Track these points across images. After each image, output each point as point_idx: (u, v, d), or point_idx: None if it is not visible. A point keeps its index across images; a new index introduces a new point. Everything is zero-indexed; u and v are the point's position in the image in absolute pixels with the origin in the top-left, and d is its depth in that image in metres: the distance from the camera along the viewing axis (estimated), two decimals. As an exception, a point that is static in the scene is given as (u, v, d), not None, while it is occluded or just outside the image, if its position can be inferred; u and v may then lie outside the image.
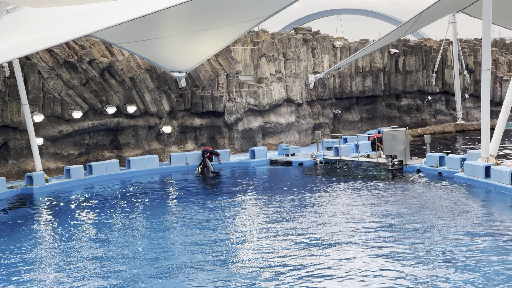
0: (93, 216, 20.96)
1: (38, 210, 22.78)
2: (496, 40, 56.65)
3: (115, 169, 28.85)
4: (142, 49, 29.24)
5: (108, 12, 24.59)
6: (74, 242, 17.44)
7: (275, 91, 36.27)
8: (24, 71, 27.18)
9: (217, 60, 34.32)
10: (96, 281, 13.84)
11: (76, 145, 29.52)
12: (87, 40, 30.37)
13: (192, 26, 27.61)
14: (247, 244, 16.69)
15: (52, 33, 22.77)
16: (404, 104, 45.85)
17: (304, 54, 38.59)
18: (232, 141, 34.31)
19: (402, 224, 17.88)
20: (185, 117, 33.20)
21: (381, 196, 22.21)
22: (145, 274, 14.23)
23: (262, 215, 20.09)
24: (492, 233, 16.65)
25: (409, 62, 45.77)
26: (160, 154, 31.79)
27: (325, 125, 39.89)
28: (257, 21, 28.48)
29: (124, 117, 30.84)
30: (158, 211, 21.36)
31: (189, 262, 14.92)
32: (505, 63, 51.25)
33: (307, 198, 22.37)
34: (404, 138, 27.94)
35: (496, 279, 12.89)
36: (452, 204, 20.53)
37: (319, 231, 17.44)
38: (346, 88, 41.61)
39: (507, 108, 24.04)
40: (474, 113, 49.13)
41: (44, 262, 15.54)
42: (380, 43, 37.82)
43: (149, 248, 16.50)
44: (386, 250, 15.29)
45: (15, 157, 27.46)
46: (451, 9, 39.30)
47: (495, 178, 22.86)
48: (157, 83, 32.03)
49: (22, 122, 26.99)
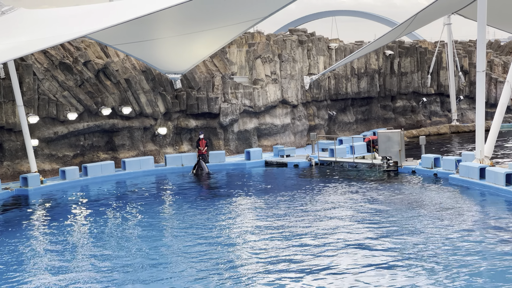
0: (88, 217, 20.93)
1: (33, 211, 22.74)
2: (490, 42, 56.80)
3: (110, 171, 28.83)
4: (138, 51, 29.22)
5: (103, 14, 24.58)
6: (68, 243, 17.41)
7: (271, 92, 36.28)
8: (19, 72, 27.13)
9: (212, 61, 34.32)
10: (89, 282, 13.82)
11: (71, 147, 29.48)
12: (82, 42, 30.34)
13: (187, 27, 27.62)
14: (240, 245, 16.69)
15: (47, 34, 22.74)
16: (399, 105, 45.91)
17: (299, 56, 38.62)
18: (228, 143, 34.30)
19: (395, 226, 17.91)
20: (181, 119, 33.19)
21: (375, 197, 22.22)
22: (140, 275, 14.21)
23: (255, 216, 20.07)
24: (486, 233, 16.69)
25: (404, 64, 45.84)
26: (156, 155, 31.78)
27: (320, 126, 39.92)
28: (253, 23, 28.49)
29: (120, 119, 30.82)
30: (153, 212, 21.33)
31: (183, 263, 14.92)
32: (499, 65, 51.37)
33: (301, 199, 22.35)
34: (399, 140, 27.98)
35: (484, 276, 12.95)
36: (446, 204, 20.56)
37: (311, 232, 17.44)
38: (341, 89, 41.65)
39: (502, 109, 24.07)
40: (469, 115, 49.22)
41: (37, 263, 15.50)
42: (375, 45, 37.87)
43: (143, 249, 16.48)
44: (380, 252, 15.31)
45: (10, 158, 27.41)
46: (446, 10, 39.37)
47: (490, 179, 22.91)
48: (153, 85, 32.01)
49: (17, 124, 26.94)
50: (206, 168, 29.93)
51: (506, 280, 12.84)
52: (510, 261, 14.15)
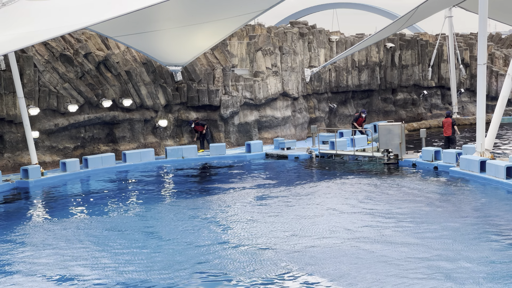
0: (89, 209, 20.97)
1: (33, 203, 22.78)
2: (492, 35, 56.69)
3: (111, 163, 28.87)
4: (138, 43, 29.19)
5: (104, 5, 24.52)
6: (69, 235, 17.44)
7: (271, 85, 36.26)
8: (20, 64, 27.11)
9: (213, 53, 34.29)
10: (88, 275, 13.86)
11: (72, 139, 29.50)
12: (83, 34, 30.32)
13: (188, 19, 27.58)
14: (238, 239, 16.75)
15: (48, 26, 22.70)
16: (400, 98, 45.87)
17: (300, 48, 38.58)
18: (228, 135, 34.31)
19: (396, 218, 17.96)
20: (181, 111, 33.19)
21: (375, 190, 22.25)
22: (140, 269, 14.25)
23: (255, 209, 20.11)
24: (486, 227, 16.75)
25: (405, 57, 45.78)
26: (156, 147, 31.79)
27: (321, 119, 39.91)
28: (254, 15, 28.45)
29: (120, 111, 30.82)
30: (154, 204, 21.37)
31: (180, 257, 14.97)
32: (501, 58, 51.31)
33: (301, 192, 22.38)
34: (400, 132, 27.98)
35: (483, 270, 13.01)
36: (446, 197, 20.61)
37: (311, 226, 17.50)
38: (342, 82, 41.62)
39: (503, 102, 24.07)
40: (470, 108, 49.19)
41: (37, 256, 15.53)
42: (376, 37, 37.80)
43: (144, 242, 16.53)
44: (380, 244, 15.37)
45: (10, 150, 27.42)
46: (447, 3, 39.28)
47: (490, 172, 22.94)
48: (153, 77, 32.00)
49: (18, 116, 26.95)
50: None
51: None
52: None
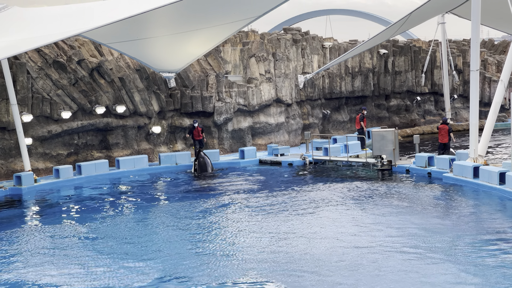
0: (82, 216, 20.90)
1: (26, 210, 22.71)
2: (484, 41, 56.88)
3: (104, 169, 28.82)
4: (132, 49, 29.18)
5: (97, 12, 24.54)
6: (61, 242, 17.39)
7: (265, 91, 36.29)
8: (13, 71, 27.07)
9: (206, 60, 34.30)
10: (83, 282, 13.81)
11: (65, 145, 29.43)
12: (76, 40, 30.28)
13: (181, 26, 27.60)
14: (234, 244, 16.73)
15: (41, 33, 22.71)
16: (393, 104, 45.96)
17: (293, 55, 38.64)
18: (222, 141, 34.30)
19: (388, 223, 17.97)
20: (175, 117, 33.17)
21: (369, 196, 22.27)
22: (135, 275, 14.21)
23: (249, 215, 20.10)
24: (481, 232, 16.78)
25: (398, 63, 45.90)
26: (150, 154, 31.75)
27: (314, 125, 39.95)
28: (247, 22, 28.49)
29: (114, 117, 30.78)
30: (147, 211, 21.33)
31: (176, 261, 14.94)
32: (493, 64, 51.49)
33: (294, 198, 22.38)
34: (393, 139, 28.02)
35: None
36: (439, 203, 20.64)
37: (305, 231, 17.50)
38: (335, 88, 41.68)
39: (496, 108, 24.14)
40: (463, 114, 49.32)
41: (30, 262, 15.47)
42: (370, 44, 37.91)
43: (138, 248, 16.49)
44: (376, 248, 15.37)
45: (3, 157, 27.34)
46: (440, 9, 39.41)
47: (483, 178, 22.98)
48: (147, 83, 31.98)
49: (11, 122, 26.89)
50: (209, 165, 29.71)
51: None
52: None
